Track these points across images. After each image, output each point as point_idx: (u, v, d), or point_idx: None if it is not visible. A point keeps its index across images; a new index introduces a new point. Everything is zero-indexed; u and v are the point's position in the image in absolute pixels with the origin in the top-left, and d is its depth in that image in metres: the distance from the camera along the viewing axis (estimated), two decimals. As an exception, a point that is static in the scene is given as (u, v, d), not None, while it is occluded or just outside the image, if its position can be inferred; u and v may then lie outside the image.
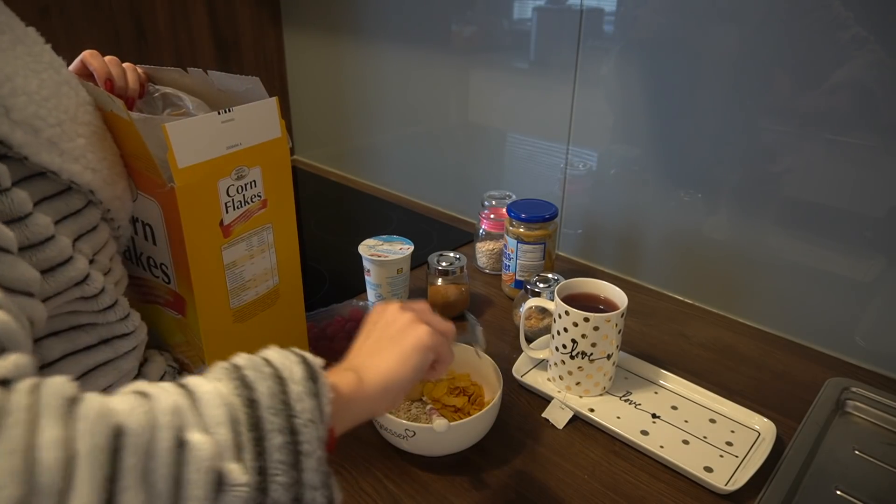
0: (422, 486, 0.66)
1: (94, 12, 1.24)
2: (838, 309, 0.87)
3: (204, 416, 0.35)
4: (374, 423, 0.70)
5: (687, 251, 1.00)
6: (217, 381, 0.38)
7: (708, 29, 0.87)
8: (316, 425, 0.39)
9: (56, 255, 0.47)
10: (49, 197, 0.48)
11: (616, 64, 0.98)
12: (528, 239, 0.96)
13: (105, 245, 0.55)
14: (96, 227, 0.54)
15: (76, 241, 0.50)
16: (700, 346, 0.90)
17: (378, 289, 0.94)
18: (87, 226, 0.52)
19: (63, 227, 0.49)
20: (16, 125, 0.44)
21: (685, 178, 0.96)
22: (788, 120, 0.84)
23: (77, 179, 0.50)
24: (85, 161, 0.51)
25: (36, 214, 0.45)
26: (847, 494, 0.66)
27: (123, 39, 1.29)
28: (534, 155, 1.16)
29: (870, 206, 0.81)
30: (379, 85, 1.39)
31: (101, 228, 0.55)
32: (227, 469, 0.34)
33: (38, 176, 0.47)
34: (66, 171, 0.49)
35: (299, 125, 1.67)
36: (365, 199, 1.45)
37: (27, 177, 0.46)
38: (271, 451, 0.36)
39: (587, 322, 0.73)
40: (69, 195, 0.50)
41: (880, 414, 0.76)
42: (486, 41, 1.16)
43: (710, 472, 0.67)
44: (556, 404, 0.76)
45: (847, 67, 0.77)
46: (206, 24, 1.41)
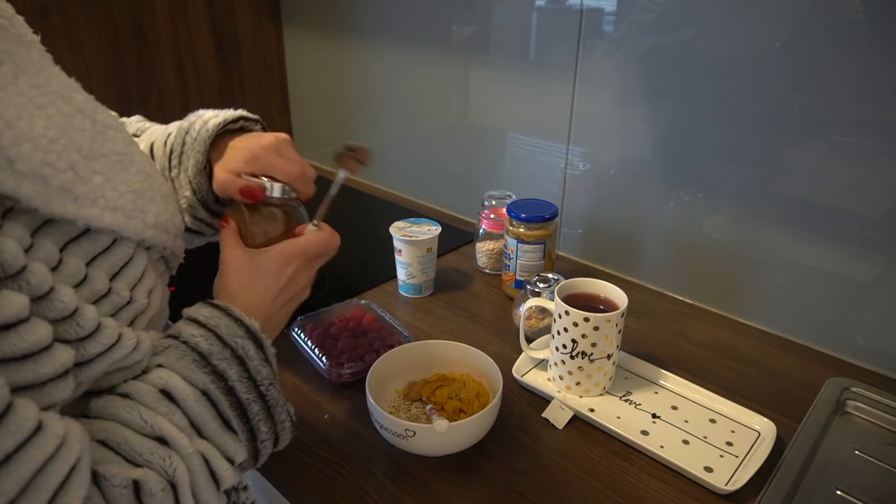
0: (422, 486, 0.66)
1: (94, 12, 1.24)
2: (838, 309, 0.87)
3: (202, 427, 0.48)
4: (374, 423, 0.70)
5: (687, 251, 1.00)
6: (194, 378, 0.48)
7: (708, 28, 0.87)
8: (273, 383, 0.53)
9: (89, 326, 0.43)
10: (75, 238, 0.44)
11: (616, 64, 0.98)
12: (528, 239, 0.96)
13: (142, 277, 0.50)
14: (131, 258, 0.49)
15: (112, 278, 0.47)
16: (700, 346, 0.90)
17: (409, 267, 0.99)
18: (120, 262, 0.48)
19: (95, 267, 0.45)
20: (22, 177, 0.39)
21: (685, 178, 0.96)
22: (788, 119, 0.84)
23: (95, 224, 0.45)
24: (103, 202, 0.46)
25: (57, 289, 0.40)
26: (847, 494, 0.66)
27: (123, 39, 1.29)
28: (534, 155, 1.16)
29: (870, 206, 0.81)
30: (379, 85, 1.39)
31: (136, 260, 0.50)
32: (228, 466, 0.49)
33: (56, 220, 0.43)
34: (82, 217, 0.44)
35: (299, 125, 1.67)
36: (365, 199, 1.45)
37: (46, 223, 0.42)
38: (253, 418, 0.51)
39: (587, 322, 0.73)
40: (94, 233, 0.46)
41: (880, 414, 0.76)
42: (486, 41, 1.16)
43: (711, 472, 0.67)
44: (556, 404, 0.76)
45: (847, 67, 0.77)
46: (206, 24, 1.41)
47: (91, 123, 0.47)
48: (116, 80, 1.30)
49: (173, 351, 0.49)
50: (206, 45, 1.43)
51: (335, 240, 0.63)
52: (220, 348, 0.50)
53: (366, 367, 0.77)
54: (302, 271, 0.60)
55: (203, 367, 0.49)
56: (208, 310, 0.52)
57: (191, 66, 1.42)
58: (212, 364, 0.49)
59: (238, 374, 0.50)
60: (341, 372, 0.79)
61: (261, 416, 0.51)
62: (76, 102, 0.47)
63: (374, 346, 0.84)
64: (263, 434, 0.52)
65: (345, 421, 0.75)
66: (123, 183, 0.49)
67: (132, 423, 0.45)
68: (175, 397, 0.47)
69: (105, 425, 0.44)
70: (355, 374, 0.79)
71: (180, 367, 0.48)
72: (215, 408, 0.49)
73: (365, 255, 1.17)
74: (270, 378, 0.52)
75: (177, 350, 0.49)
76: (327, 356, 0.81)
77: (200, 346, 0.49)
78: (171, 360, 0.48)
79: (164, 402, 0.46)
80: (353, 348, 0.83)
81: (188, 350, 0.49)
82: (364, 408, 0.77)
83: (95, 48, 1.26)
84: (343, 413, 0.76)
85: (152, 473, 0.43)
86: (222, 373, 0.49)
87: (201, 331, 0.50)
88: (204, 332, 0.50)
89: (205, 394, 0.48)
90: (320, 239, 0.62)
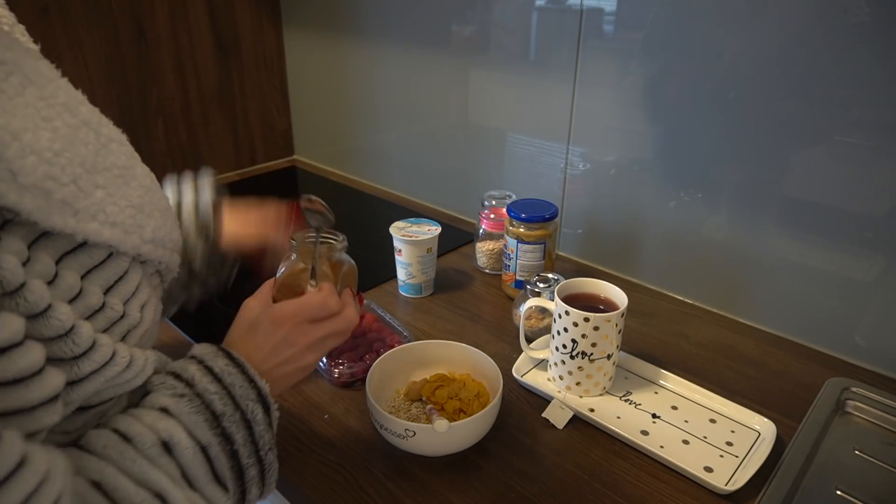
0: (422, 486, 0.66)
1: (94, 12, 1.24)
2: (838, 309, 0.87)
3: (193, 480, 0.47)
4: (374, 423, 0.70)
5: (687, 251, 1.00)
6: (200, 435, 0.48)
7: (707, 29, 0.87)
8: (272, 448, 0.53)
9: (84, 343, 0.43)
10: (71, 251, 0.44)
11: (616, 64, 0.98)
12: (528, 239, 0.96)
13: (136, 292, 0.50)
14: (125, 273, 0.49)
15: (106, 292, 0.46)
16: (700, 346, 0.90)
17: (409, 267, 0.99)
18: (114, 276, 0.47)
19: (90, 281, 0.45)
20: (25, 190, 0.39)
21: (685, 178, 0.96)
22: (788, 119, 0.84)
23: (93, 239, 0.44)
24: (103, 216, 0.45)
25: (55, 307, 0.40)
26: (847, 494, 0.66)
27: (123, 39, 1.29)
28: (534, 155, 1.16)
29: (870, 206, 0.81)
30: (379, 85, 1.39)
31: (130, 275, 0.49)
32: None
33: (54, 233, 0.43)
34: (82, 232, 0.43)
35: (299, 125, 1.67)
36: (365, 199, 1.45)
37: (43, 234, 0.42)
38: (248, 481, 0.51)
39: (587, 322, 0.73)
40: (90, 247, 0.45)
41: (880, 414, 0.76)
42: (486, 41, 1.16)
43: (711, 472, 0.67)
44: (556, 404, 0.76)
45: (846, 67, 0.77)
46: (206, 24, 1.41)
47: (95, 136, 0.47)
48: (116, 80, 1.30)
49: (187, 403, 0.48)
50: (206, 45, 1.43)
51: (331, 302, 0.60)
52: (232, 410, 0.50)
53: (365, 367, 0.77)
54: (296, 334, 0.58)
55: (213, 427, 0.49)
56: (224, 362, 0.52)
57: (191, 66, 1.42)
58: (222, 426, 0.49)
59: (244, 438, 0.50)
60: (341, 372, 0.79)
61: (255, 480, 0.52)
62: (81, 115, 0.46)
63: (374, 346, 0.84)
64: (253, 495, 0.52)
65: (345, 421, 0.75)
66: (124, 197, 0.48)
67: (130, 472, 0.44)
68: (175, 452, 0.46)
69: (103, 467, 0.43)
70: (355, 375, 0.79)
71: (190, 421, 0.48)
72: (211, 464, 0.48)
73: (365, 255, 1.17)
74: (271, 443, 0.53)
75: (190, 403, 0.49)
76: (327, 357, 0.81)
77: (215, 405, 0.49)
78: (183, 411, 0.48)
79: (164, 456, 0.46)
80: (352, 349, 0.83)
81: (202, 407, 0.49)
82: (364, 408, 0.77)
83: (95, 48, 1.26)
84: (343, 413, 0.76)
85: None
86: (230, 436, 0.49)
87: (217, 388, 0.50)
88: (220, 391, 0.50)
89: (204, 450, 0.48)
90: (315, 301, 0.59)
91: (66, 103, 0.45)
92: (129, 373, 0.46)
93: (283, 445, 0.69)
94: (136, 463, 0.44)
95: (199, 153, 1.49)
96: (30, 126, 0.40)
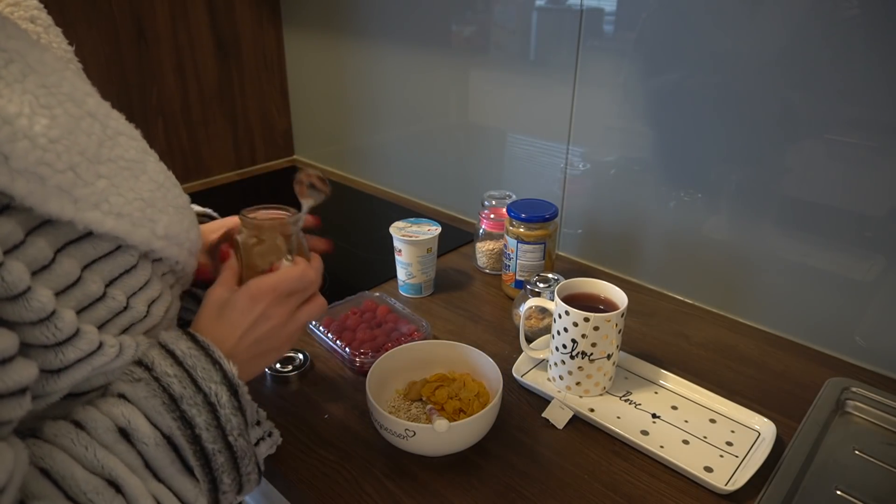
0: (422, 486, 0.66)
1: (94, 12, 1.24)
2: (838, 309, 0.87)
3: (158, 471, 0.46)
4: (374, 423, 0.70)
5: (687, 251, 1.00)
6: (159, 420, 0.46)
7: (707, 29, 0.87)
8: (243, 433, 0.50)
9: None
10: (75, 241, 0.44)
11: (616, 64, 0.98)
12: (528, 239, 0.96)
13: (144, 287, 0.50)
14: (133, 267, 0.49)
15: (109, 284, 0.46)
16: (700, 346, 0.90)
17: (409, 267, 0.99)
18: (119, 269, 0.47)
19: (91, 271, 0.45)
20: (17, 174, 0.39)
21: (685, 178, 0.96)
22: (788, 119, 0.84)
23: (95, 228, 0.44)
24: (106, 206, 0.45)
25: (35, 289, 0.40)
26: (847, 494, 0.66)
27: (123, 39, 1.29)
28: (534, 155, 1.16)
29: (870, 206, 0.81)
30: (379, 85, 1.39)
31: (139, 270, 0.49)
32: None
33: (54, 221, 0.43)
34: (81, 220, 0.43)
35: (299, 125, 1.67)
36: (365, 199, 1.45)
37: (46, 222, 0.42)
38: (217, 469, 0.49)
39: (587, 322, 0.73)
40: (96, 238, 0.46)
41: (880, 414, 0.76)
42: (486, 41, 1.16)
43: (710, 472, 0.67)
44: (556, 404, 0.76)
45: (846, 67, 0.77)
46: (206, 24, 1.41)
47: (101, 128, 0.47)
48: (116, 80, 1.30)
49: (143, 387, 0.47)
50: (206, 45, 1.43)
51: (310, 274, 0.59)
52: (192, 392, 0.48)
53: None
54: (274, 308, 0.56)
55: (172, 410, 0.47)
56: (187, 344, 0.50)
57: (191, 66, 1.42)
58: (181, 409, 0.47)
59: (207, 423, 0.48)
60: (363, 361, 0.82)
61: (225, 468, 0.49)
62: (87, 106, 0.46)
63: (393, 335, 0.87)
64: (226, 486, 0.50)
65: (345, 421, 0.75)
66: (131, 190, 0.48)
67: (82, 459, 0.43)
68: (134, 439, 0.45)
69: (52, 453, 0.42)
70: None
71: (147, 406, 0.46)
72: (177, 453, 0.47)
73: (365, 255, 1.17)
74: (241, 428, 0.50)
75: (147, 387, 0.47)
76: (349, 347, 0.84)
77: (173, 388, 0.47)
78: (139, 396, 0.46)
79: (120, 442, 0.44)
80: (372, 339, 0.86)
81: (159, 390, 0.47)
82: (364, 408, 0.77)
83: (95, 48, 1.26)
84: (343, 413, 0.76)
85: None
86: (191, 420, 0.47)
87: (176, 370, 0.48)
88: (179, 373, 0.48)
89: (168, 438, 0.46)
90: (294, 274, 0.58)
91: (70, 93, 0.45)
92: (118, 361, 0.46)
93: (283, 445, 0.69)
94: (88, 450, 0.43)
95: (199, 153, 1.49)
96: (25, 112, 0.41)
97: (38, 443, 0.42)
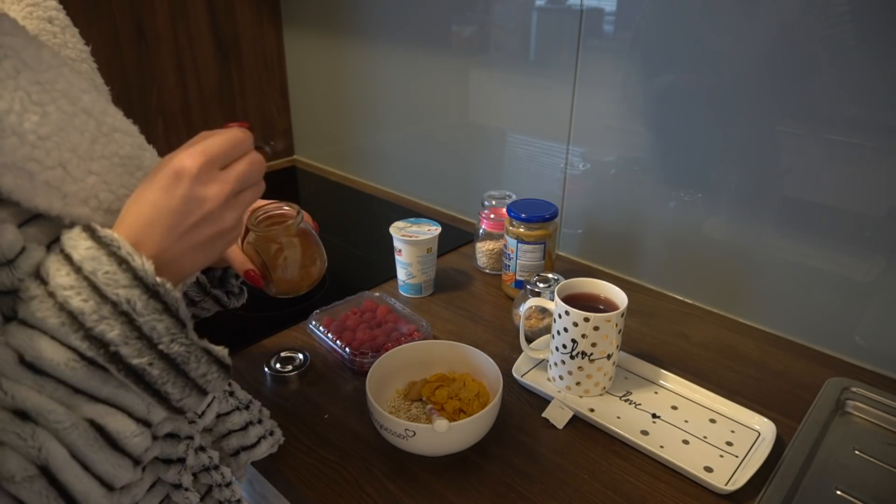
0: (422, 486, 0.66)
1: (94, 12, 1.24)
2: (838, 309, 0.87)
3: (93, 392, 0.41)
4: (374, 423, 0.70)
5: (687, 251, 1.00)
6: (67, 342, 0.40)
7: (707, 29, 0.87)
8: (177, 337, 0.42)
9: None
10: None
11: (616, 64, 0.98)
12: (528, 239, 0.96)
13: None
14: None
15: None
16: (700, 346, 0.90)
17: (409, 267, 0.99)
18: None
19: None
20: (5, 169, 0.39)
21: (685, 178, 0.96)
22: (788, 119, 0.84)
23: (84, 223, 0.43)
24: (95, 202, 0.44)
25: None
26: (847, 494, 0.66)
27: (123, 39, 1.29)
28: (534, 155, 1.16)
29: (870, 206, 0.81)
30: (379, 85, 1.39)
31: None
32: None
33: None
34: (69, 215, 0.43)
35: (299, 125, 1.67)
36: (365, 199, 1.45)
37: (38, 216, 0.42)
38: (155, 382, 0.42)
39: (587, 322, 0.73)
40: None
41: (880, 414, 0.76)
42: (486, 41, 1.16)
43: (710, 472, 0.67)
44: (556, 404, 0.76)
45: (846, 67, 0.77)
46: (206, 24, 1.41)
47: (96, 125, 0.47)
48: (116, 80, 1.30)
49: (37, 304, 0.40)
50: (206, 45, 1.43)
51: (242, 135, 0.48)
52: (96, 304, 0.40)
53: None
54: (205, 182, 0.44)
55: (76, 329, 0.39)
56: (85, 244, 0.41)
57: (191, 66, 1.42)
58: (86, 327, 0.39)
59: (123, 336, 0.40)
60: (364, 361, 0.81)
61: (165, 378, 0.42)
62: (82, 103, 0.46)
63: (392, 335, 0.86)
64: (175, 396, 0.43)
65: (345, 421, 0.75)
66: (123, 186, 0.47)
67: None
68: (43, 368, 0.40)
69: None
70: None
71: (47, 327, 0.39)
72: (106, 371, 0.41)
73: (365, 255, 1.17)
74: (172, 332, 0.42)
75: (42, 304, 0.39)
76: (349, 347, 0.84)
77: (71, 303, 0.39)
78: (36, 317, 0.40)
79: (27, 374, 0.39)
80: (372, 339, 0.86)
81: (55, 308, 0.39)
82: (364, 408, 0.77)
83: (95, 48, 1.25)
84: (343, 413, 0.76)
85: (13, 455, 0.38)
86: (100, 336, 0.40)
87: (74, 279, 0.40)
88: (77, 282, 0.40)
89: (85, 358, 0.40)
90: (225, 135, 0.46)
91: (65, 90, 0.45)
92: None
93: (283, 445, 0.69)
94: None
95: (199, 153, 1.49)
96: (16, 108, 0.41)
97: None
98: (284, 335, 0.91)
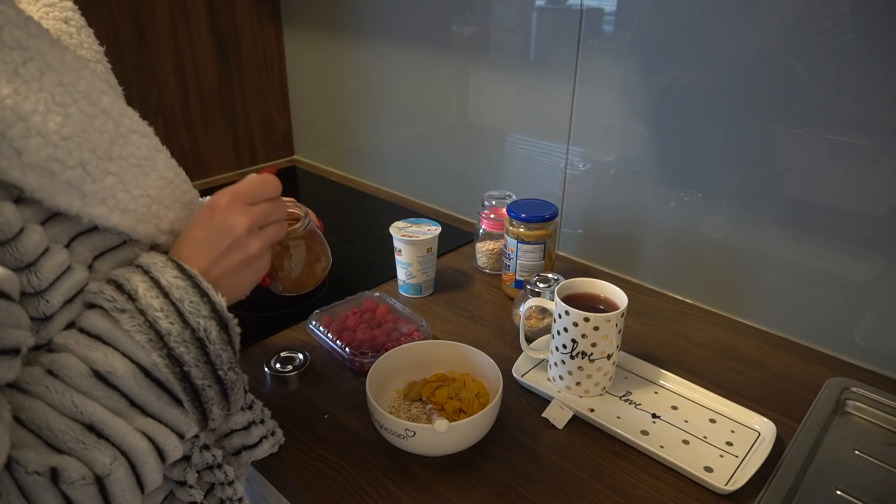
0: (422, 486, 0.66)
1: (94, 12, 1.24)
2: (838, 309, 0.87)
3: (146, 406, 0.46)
4: (374, 423, 0.70)
5: (687, 251, 1.00)
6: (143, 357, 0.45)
7: (707, 29, 0.87)
8: (233, 366, 0.49)
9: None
10: (85, 232, 0.46)
11: (616, 64, 0.98)
12: (528, 239, 0.96)
13: None
14: None
15: None
16: (700, 346, 0.90)
17: (409, 267, 0.99)
18: (127, 261, 0.49)
19: (102, 262, 0.47)
20: (28, 168, 0.41)
21: (685, 178, 0.96)
22: (788, 119, 0.84)
23: (101, 223, 0.46)
24: (113, 202, 0.47)
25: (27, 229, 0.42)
26: (847, 494, 0.66)
27: (123, 39, 1.29)
28: (534, 155, 1.16)
29: (870, 206, 0.81)
30: (379, 85, 1.39)
31: None
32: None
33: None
34: (87, 214, 0.45)
35: (299, 125, 1.67)
36: (365, 199, 1.45)
37: (57, 214, 0.44)
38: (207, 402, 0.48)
39: (587, 322, 0.73)
40: (104, 231, 0.48)
41: (880, 414, 0.76)
42: (486, 41, 1.16)
43: (710, 472, 0.67)
44: (556, 404, 0.76)
45: (846, 67, 0.77)
46: (206, 24, 1.41)
47: (115, 126, 0.48)
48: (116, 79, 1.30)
49: (128, 320, 0.45)
50: (206, 45, 1.43)
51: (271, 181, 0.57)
52: (180, 329, 0.46)
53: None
54: (233, 214, 0.52)
55: (159, 348, 0.45)
56: (173, 273, 0.47)
57: (191, 66, 1.42)
58: (169, 346, 0.45)
59: (195, 359, 0.46)
60: (363, 361, 0.81)
61: (215, 400, 0.49)
62: (102, 104, 0.48)
63: (392, 335, 0.86)
64: (215, 414, 0.49)
65: (345, 421, 0.75)
66: (139, 187, 0.49)
67: (59, 406, 0.42)
68: (114, 382, 0.44)
69: (26, 403, 0.42)
70: None
71: (128, 343, 0.45)
72: (162, 387, 0.46)
73: (365, 255, 1.17)
74: (230, 362, 0.49)
75: (132, 320, 0.45)
76: (350, 348, 0.84)
77: (159, 324, 0.45)
78: (120, 333, 0.45)
79: (99, 387, 0.44)
80: (372, 339, 0.86)
81: (145, 326, 0.45)
82: (364, 408, 0.77)
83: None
84: (343, 413, 0.76)
85: (73, 461, 0.41)
86: (179, 357, 0.46)
87: (163, 303, 0.46)
88: (166, 307, 0.46)
89: (149, 374, 0.45)
90: (253, 178, 0.55)
91: (86, 92, 0.47)
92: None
93: (283, 445, 0.69)
94: (65, 396, 0.43)
95: (199, 153, 1.49)
96: (40, 109, 0.43)
97: (12, 392, 0.42)
98: (284, 335, 0.91)
